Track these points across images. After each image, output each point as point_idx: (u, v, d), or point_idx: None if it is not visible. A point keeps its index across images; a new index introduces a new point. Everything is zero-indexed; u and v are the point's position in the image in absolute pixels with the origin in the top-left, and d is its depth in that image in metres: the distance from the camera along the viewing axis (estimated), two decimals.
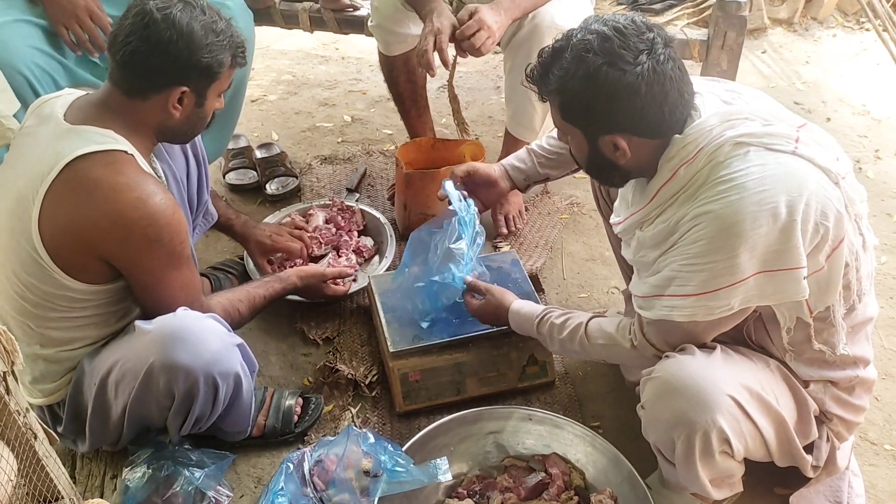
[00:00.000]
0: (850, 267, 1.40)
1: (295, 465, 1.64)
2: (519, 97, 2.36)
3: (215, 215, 2.03)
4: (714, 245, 1.32)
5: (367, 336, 2.12)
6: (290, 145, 3.03)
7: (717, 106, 1.40)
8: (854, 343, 1.50)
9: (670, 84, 1.34)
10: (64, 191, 1.42)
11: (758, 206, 1.29)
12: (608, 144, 1.41)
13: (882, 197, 2.75)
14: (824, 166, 1.34)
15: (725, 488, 1.55)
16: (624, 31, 1.33)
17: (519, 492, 1.64)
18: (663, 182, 1.40)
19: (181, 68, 1.48)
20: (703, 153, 1.35)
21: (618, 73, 1.32)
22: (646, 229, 1.47)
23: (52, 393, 1.63)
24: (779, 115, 1.40)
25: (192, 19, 1.46)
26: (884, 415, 1.92)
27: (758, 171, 1.30)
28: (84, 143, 1.43)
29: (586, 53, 1.33)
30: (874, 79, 3.55)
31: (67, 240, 1.45)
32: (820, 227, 1.32)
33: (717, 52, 2.42)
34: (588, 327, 1.61)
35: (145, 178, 1.47)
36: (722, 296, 1.35)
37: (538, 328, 1.71)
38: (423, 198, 2.38)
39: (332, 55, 3.82)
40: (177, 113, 1.53)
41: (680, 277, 1.38)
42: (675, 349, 1.47)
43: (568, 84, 1.37)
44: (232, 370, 1.55)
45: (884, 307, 2.24)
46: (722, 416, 1.37)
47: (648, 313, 1.47)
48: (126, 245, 1.46)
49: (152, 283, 1.53)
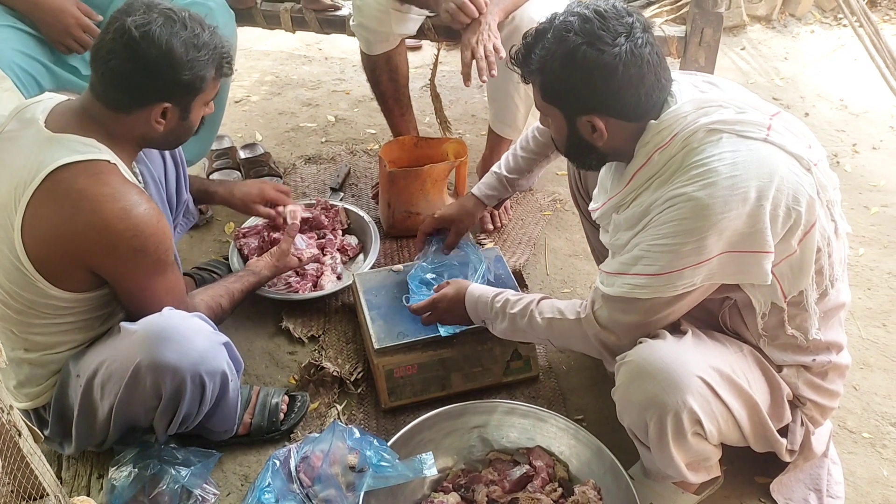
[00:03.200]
0: (823, 252, 1.43)
1: (281, 462, 1.65)
2: (502, 95, 2.38)
3: (196, 214, 2.04)
4: (684, 227, 1.35)
5: (353, 333, 2.13)
6: (274, 146, 3.03)
7: (692, 93, 1.43)
8: (827, 328, 1.53)
9: (647, 68, 1.37)
10: (47, 200, 1.42)
11: (729, 191, 1.32)
12: (586, 125, 1.44)
13: (860, 190, 2.79)
14: (796, 153, 1.37)
15: (703, 472, 1.57)
16: (605, 14, 1.37)
17: (504, 485, 1.66)
18: (639, 166, 1.43)
19: (162, 86, 1.47)
20: (678, 139, 1.38)
21: (595, 52, 1.35)
22: (621, 212, 1.50)
23: (37, 396, 1.63)
24: (753, 103, 1.43)
25: (172, 35, 1.44)
26: (862, 403, 1.95)
27: (730, 157, 1.34)
28: (67, 153, 1.43)
29: (566, 33, 1.37)
30: (851, 74, 3.60)
31: (51, 249, 1.44)
32: (792, 211, 1.35)
33: (694, 48, 2.45)
34: (540, 303, 1.64)
35: (129, 188, 1.46)
36: (686, 274, 1.39)
37: (491, 304, 1.72)
38: (407, 196, 2.40)
39: (315, 55, 3.83)
40: (160, 127, 1.52)
41: (647, 257, 1.41)
42: (619, 333, 1.50)
43: (548, 63, 1.41)
44: (219, 369, 1.56)
45: (861, 298, 2.28)
46: (692, 396, 1.40)
47: (610, 289, 1.48)
48: (112, 256, 1.46)
49: (138, 290, 1.54)
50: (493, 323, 1.74)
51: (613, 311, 1.49)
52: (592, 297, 1.54)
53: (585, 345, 1.58)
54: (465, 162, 2.47)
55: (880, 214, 2.67)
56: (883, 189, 2.80)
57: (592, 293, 1.55)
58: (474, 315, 1.79)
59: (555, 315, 1.60)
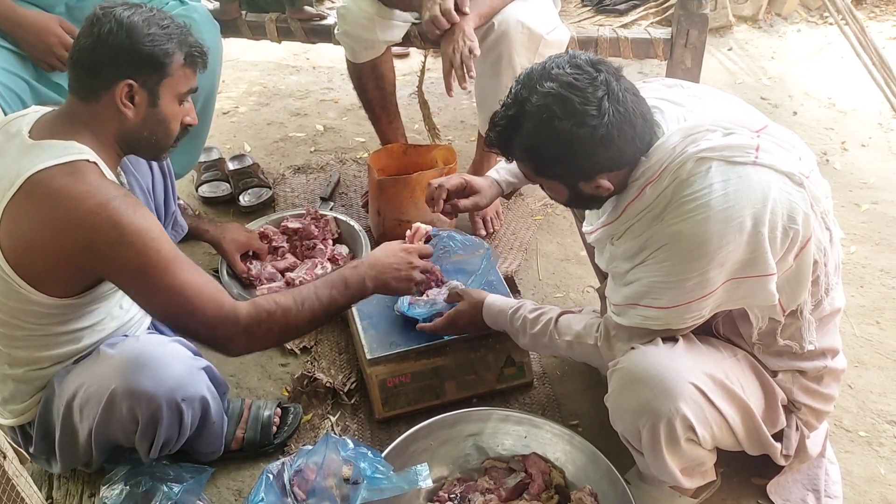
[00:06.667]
0: (819, 263, 1.43)
1: (275, 476, 1.63)
2: (490, 101, 2.36)
3: (185, 226, 2.02)
4: (684, 266, 1.35)
5: (345, 344, 2.11)
6: (263, 156, 3.02)
7: (677, 119, 1.41)
8: (823, 334, 1.53)
9: (634, 116, 1.35)
10: (25, 203, 1.39)
11: (724, 224, 1.31)
12: (590, 187, 1.41)
13: (850, 188, 2.79)
14: (787, 171, 1.36)
15: (697, 477, 1.57)
16: (577, 84, 1.31)
17: (500, 493, 1.64)
18: (630, 199, 1.42)
19: (124, 59, 1.45)
20: (668, 171, 1.36)
21: (589, 130, 1.31)
22: (616, 243, 1.50)
23: (21, 413, 1.60)
24: (740, 120, 1.40)
25: (135, 13, 1.46)
26: (857, 402, 1.95)
27: (720, 189, 1.32)
28: (46, 157, 1.41)
29: (552, 121, 1.32)
30: (838, 72, 3.61)
31: (32, 251, 1.41)
32: (789, 230, 1.35)
33: (680, 50, 2.45)
34: (558, 323, 1.64)
35: (107, 184, 1.43)
36: (694, 307, 1.40)
37: (511, 321, 1.73)
38: (397, 204, 2.39)
39: (302, 65, 3.82)
40: (129, 112, 1.48)
41: (653, 292, 1.41)
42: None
43: (538, 150, 1.37)
44: (197, 394, 1.53)
45: (854, 296, 2.27)
46: (685, 403, 1.39)
47: (623, 319, 1.49)
48: (93, 251, 1.40)
49: (140, 286, 1.44)
50: (515, 337, 1.76)
51: (631, 338, 1.50)
52: (606, 324, 1.55)
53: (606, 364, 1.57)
54: (454, 168, 2.46)
55: (870, 211, 2.67)
56: (872, 186, 2.81)
57: (605, 321, 1.55)
58: (494, 327, 1.80)
59: (574, 339, 1.61)
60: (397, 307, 1.98)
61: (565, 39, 2.36)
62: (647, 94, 1.43)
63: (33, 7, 2.05)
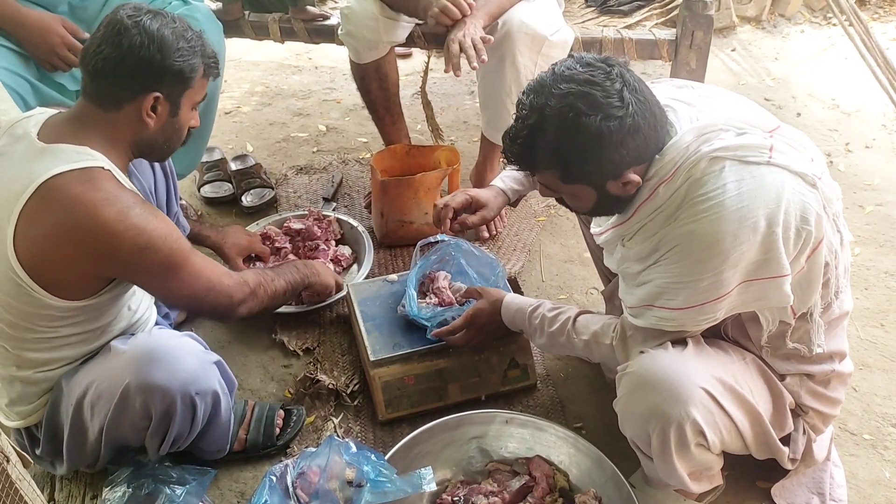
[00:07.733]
0: (830, 265, 1.42)
1: (278, 478, 1.63)
2: (494, 101, 2.37)
3: (187, 227, 2.02)
4: (698, 266, 1.34)
5: (348, 345, 2.11)
6: (265, 156, 3.02)
7: (690, 119, 1.40)
8: (830, 338, 1.52)
9: (652, 104, 1.35)
10: (40, 208, 1.39)
11: (738, 224, 1.30)
12: (618, 185, 1.39)
13: (854, 189, 2.78)
14: (800, 171, 1.35)
15: (705, 481, 1.56)
16: (594, 79, 1.31)
17: (504, 496, 1.64)
18: (643, 199, 1.40)
19: (154, 73, 1.46)
20: (681, 171, 1.35)
21: (617, 121, 1.30)
22: (628, 244, 1.48)
23: (29, 415, 1.60)
24: (752, 120, 1.40)
25: (163, 26, 1.46)
26: (862, 405, 1.94)
27: (734, 188, 1.31)
28: (60, 162, 1.41)
29: (578, 118, 1.30)
30: (842, 73, 3.60)
31: (46, 257, 1.41)
32: (802, 231, 1.34)
33: (685, 51, 2.44)
34: (576, 322, 1.64)
35: (123, 192, 1.44)
36: (708, 309, 1.39)
37: (529, 320, 1.72)
38: (400, 205, 2.38)
39: (305, 65, 3.82)
40: (151, 122, 1.50)
41: (667, 293, 1.40)
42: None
43: (566, 152, 1.35)
44: (210, 388, 1.54)
45: (859, 298, 2.27)
46: (695, 408, 1.39)
47: (638, 321, 1.48)
48: (117, 258, 1.43)
49: (162, 284, 1.51)
50: (532, 337, 1.76)
51: (647, 339, 1.49)
52: (623, 325, 1.54)
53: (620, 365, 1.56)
54: (457, 169, 2.46)
55: (875, 213, 2.66)
56: (877, 188, 2.80)
57: (622, 322, 1.55)
58: (512, 326, 1.79)
59: (591, 338, 1.61)
60: (401, 309, 1.97)
61: (569, 40, 2.35)
62: (658, 94, 1.42)
63: (36, 7, 2.04)
